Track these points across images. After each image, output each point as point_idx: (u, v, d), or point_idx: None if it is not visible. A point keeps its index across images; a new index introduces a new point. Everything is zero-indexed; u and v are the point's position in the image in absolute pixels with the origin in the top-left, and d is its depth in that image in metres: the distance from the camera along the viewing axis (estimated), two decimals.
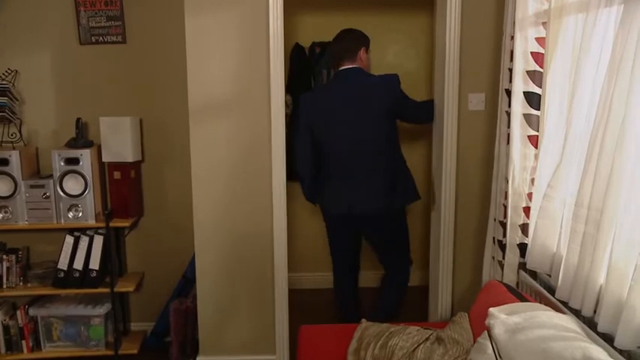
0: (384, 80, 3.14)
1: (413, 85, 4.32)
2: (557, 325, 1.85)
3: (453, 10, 2.97)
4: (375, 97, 3.10)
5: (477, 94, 3.08)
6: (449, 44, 3.02)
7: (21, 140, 3.39)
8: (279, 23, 2.99)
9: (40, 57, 3.45)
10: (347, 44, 3.15)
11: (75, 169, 3.28)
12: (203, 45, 3.00)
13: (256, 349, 3.29)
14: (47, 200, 3.30)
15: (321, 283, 3.90)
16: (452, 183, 3.16)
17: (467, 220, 3.20)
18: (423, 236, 4.57)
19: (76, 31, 3.42)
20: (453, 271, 3.25)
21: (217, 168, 3.11)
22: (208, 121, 3.06)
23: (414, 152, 4.28)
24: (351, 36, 3.18)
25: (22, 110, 3.46)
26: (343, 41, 3.17)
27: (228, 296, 3.23)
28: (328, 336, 2.59)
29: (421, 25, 4.35)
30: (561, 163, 2.20)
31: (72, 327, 3.44)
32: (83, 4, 3.37)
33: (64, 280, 3.36)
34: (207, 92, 3.03)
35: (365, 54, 3.18)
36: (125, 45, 3.46)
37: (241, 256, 3.19)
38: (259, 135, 3.08)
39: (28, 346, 3.40)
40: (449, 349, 2.23)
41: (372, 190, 3.14)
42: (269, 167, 3.10)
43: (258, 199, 3.14)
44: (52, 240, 3.52)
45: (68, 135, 3.44)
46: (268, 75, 3.02)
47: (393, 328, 2.48)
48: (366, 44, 3.19)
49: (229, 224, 3.16)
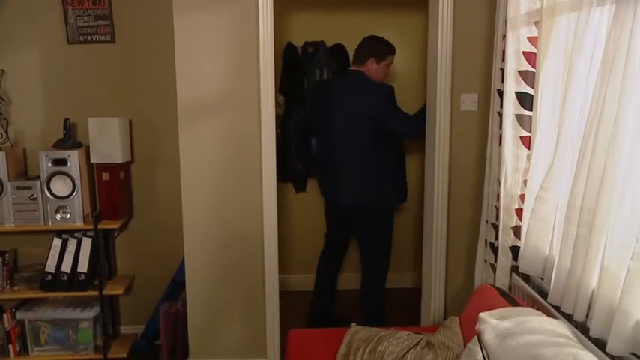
0: (374, 89, 3.33)
1: (407, 85, 4.30)
2: (549, 331, 1.81)
3: (445, 9, 2.94)
4: (362, 103, 3.32)
5: (469, 94, 3.04)
6: (441, 44, 2.98)
7: (8, 141, 3.34)
8: (269, 22, 2.94)
9: (27, 56, 3.39)
10: (361, 50, 3.41)
11: (63, 170, 3.23)
12: (192, 45, 2.95)
13: (247, 353, 3.25)
14: (34, 202, 3.25)
15: (311, 285, 3.87)
16: (444, 184, 3.12)
17: (459, 222, 3.16)
18: (416, 238, 4.54)
19: (64, 31, 3.37)
20: (446, 274, 3.21)
21: (207, 169, 3.06)
22: (198, 122, 3.01)
23: (411, 153, 4.25)
24: (368, 44, 3.41)
25: (9, 111, 3.41)
26: (360, 46, 3.43)
27: (218, 299, 3.19)
28: (317, 340, 2.55)
29: (415, 25, 4.31)
30: (554, 164, 2.17)
31: (60, 330, 3.39)
32: (71, 3, 3.32)
33: (51, 282, 3.31)
34: (197, 92, 2.99)
35: (374, 64, 3.37)
36: (114, 45, 3.41)
37: (231, 259, 3.15)
38: (249, 135, 3.04)
39: (15, 351, 3.34)
40: (439, 355, 2.19)
41: (352, 185, 3.40)
42: (259, 168, 3.06)
43: (249, 200, 3.09)
44: (40, 242, 3.47)
45: (56, 136, 3.38)
46: (258, 75, 2.98)
47: (383, 332, 2.44)
48: (378, 56, 3.38)
49: (219, 226, 3.12)
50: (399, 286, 4.51)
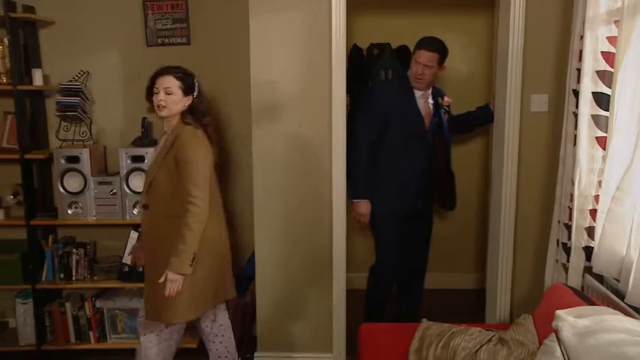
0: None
1: (472, 86, 4.32)
2: (630, 330, 1.81)
3: (517, 10, 2.94)
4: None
5: (539, 95, 3.04)
6: (512, 44, 2.99)
7: (90, 139, 3.53)
8: (342, 25, 3.02)
9: (109, 59, 3.59)
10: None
11: (140, 166, 3.39)
12: (266, 45, 3.05)
13: (313, 347, 3.33)
14: (114, 197, 3.43)
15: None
16: (512, 185, 3.12)
17: (527, 223, 3.15)
18: (477, 239, 4.54)
19: (144, 34, 3.54)
20: (513, 274, 3.21)
21: (278, 167, 3.16)
22: (270, 121, 3.11)
23: (464, 157, 4.27)
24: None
25: (92, 110, 3.60)
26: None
27: (286, 294, 3.28)
28: (388, 334, 2.61)
29: (481, 25, 4.31)
30: (632, 165, 2.15)
31: (135, 320, 3.54)
32: (151, 8, 3.49)
33: (128, 274, 3.47)
34: (270, 92, 3.09)
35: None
36: (189, 46, 3.56)
37: (300, 255, 3.23)
38: (320, 135, 3.11)
39: (95, 337, 3.53)
40: (513, 351, 2.21)
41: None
42: (329, 165, 3.13)
43: (318, 198, 3.17)
44: (117, 235, 3.64)
45: (133, 134, 3.55)
46: (330, 76, 3.05)
47: (455, 328, 2.47)
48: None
49: (289, 223, 3.21)
50: (460, 287, 4.52)
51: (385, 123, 3.28)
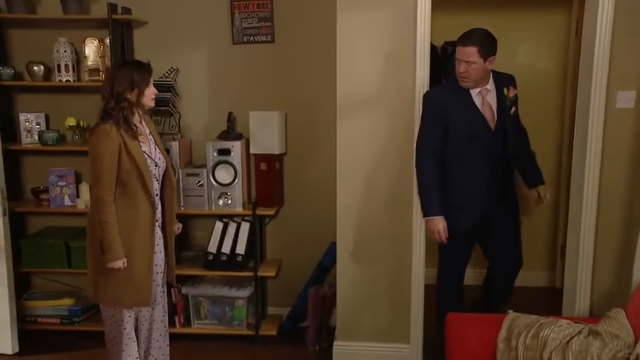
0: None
1: (546, 84, 4.31)
2: None
3: (606, 6, 2.94)
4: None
5: (626, 92, 3.03)
6: (598, 40, 2.98)
7: (179, 132, 3.70)
8: (427, 24, 3.09)
9: (197, 56, 3.76)
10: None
11: (226, 159, 3.54)
12: (353, 43, 3.14)
13: (391, 337, 3.39)
14: (201, 188, 3.59)
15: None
16: (595, 182, 3.11)
17: (609, 220, 3.13)
18: (547, 237, 4.53)
19: (230, 32, 3.70)
20: (593, 272, 3.20)
21: (361, 160, 3.24)
22: (355, 116, 3.20)
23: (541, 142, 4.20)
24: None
25: (180, 105, 3.77)
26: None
27: (366, 285, 3.36)
28: (475, 324, 2.65)
29: (557, 24, 4.30)
30: None
31: (218, 307, 3.70)
32: (238, 7, 3.63)
33: (213, 262, 3.63)
34: (356, 88, 3.18)
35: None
36: (273, 44, 3.70)
37: (380, 247, 3.31)
38: (403, 131, 3.17)
39: (180, 322, 3.70)
40: (607, 343, 2.24)
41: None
42: (410, 164, 3.18)
43: (398, 192, 3.24)
44: (201, 225, 3.81)
45: (217, 128, 3.71)
46: (414, 73, 3.13)
47: (543, 320, 2.50)
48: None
49: (369, 216, 3.29)
50: (529, 285, 4.50)
51: (445, 129, 3.04)
